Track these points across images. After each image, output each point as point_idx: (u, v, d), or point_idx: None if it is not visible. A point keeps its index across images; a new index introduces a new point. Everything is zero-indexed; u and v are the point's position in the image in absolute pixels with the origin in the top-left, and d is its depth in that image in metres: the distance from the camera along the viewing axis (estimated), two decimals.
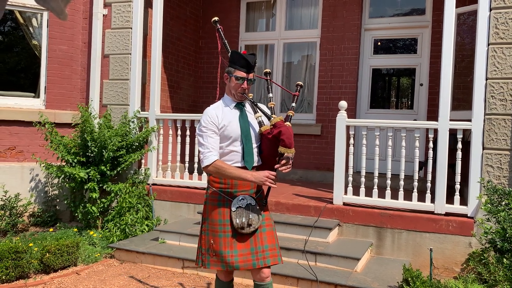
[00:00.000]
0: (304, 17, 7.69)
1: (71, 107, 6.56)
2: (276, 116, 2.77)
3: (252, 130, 2.77)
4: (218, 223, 2.73)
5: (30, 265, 4.35)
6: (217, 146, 2.71)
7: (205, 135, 2.71)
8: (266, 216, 2.80)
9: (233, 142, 2.74)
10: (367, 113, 7.22)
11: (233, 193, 2.75)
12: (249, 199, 2.71)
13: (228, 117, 2.76)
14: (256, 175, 2.63)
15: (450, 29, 4.75)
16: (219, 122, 2.74)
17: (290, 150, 2.62)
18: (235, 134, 2.73)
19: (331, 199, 5.17)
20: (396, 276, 4.14)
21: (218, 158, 2.68)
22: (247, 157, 2.74)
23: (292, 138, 2.63)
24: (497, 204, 4.15)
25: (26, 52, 6.61)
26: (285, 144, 2.61)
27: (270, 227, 2.79)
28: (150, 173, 6.04)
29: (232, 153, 2.75)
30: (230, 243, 2.68)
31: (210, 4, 8.10)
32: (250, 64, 2.72)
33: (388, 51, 7.33)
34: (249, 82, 2.76)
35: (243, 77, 2.74)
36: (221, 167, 2.65)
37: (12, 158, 6.08)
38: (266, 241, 2.71)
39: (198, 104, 8.15)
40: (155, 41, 6.09)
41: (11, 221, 5.60)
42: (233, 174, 2.64)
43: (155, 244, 5.03)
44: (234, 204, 2.70)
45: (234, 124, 2.75)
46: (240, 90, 2.75)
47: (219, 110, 2.80)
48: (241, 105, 2.83)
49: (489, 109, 4.59)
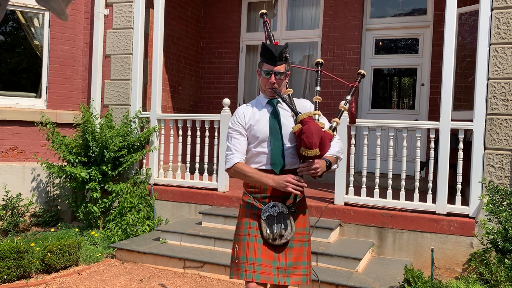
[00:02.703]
0: (305, 17, 7.69)
1: (72, 107, 6.56)
2: (315, 112, 2.49)
3: (284, 129, 2.48)
4: (244, 225, 2.50)
5: (32, 265, 4.35)
6: (242, 148, 2.50)
7: (230, 136, 2.53)
8: (299, 229, 2.50)
9: (261, 142, 2.49)
10: (369, 113, 7.21)
11: (263, 199, 2.49)
12: (281, 207, 2.44)
13: (257, 115, 2.52)
14: (277, 179, 2.36)
15: (451, 29, 4.74)
16: (246, 122, 2.52)
17: (310, 151, 2.30)
18: (263, 134, 2.48)
19: (332, 199, 5.17)
20: (397, 277, 4.13)
21: (241, 161, 2.47)
22: (274, 159, 2.45)
23: (313, 137, 2.29)
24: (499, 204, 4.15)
25: (28, 52, 6.63)
26: (304, 143, 2.31)
27: (300, 243, 2.49)
28: (151, 173, 6.04)
29: (260, 155, 2.50)
30: (253, 249, 2.42)
31: (211, 4, 8.11)
32: (274, 55, 2.43)
33: (390, 51, 7.33)
34: (278, 76, 2.46)
35: (269, 70, 2.46)
36: (242, 170, 2.44)
37: (13, 158, 6.09)
38: (291, 258, 2.44)
39: (199, 104, 8.16)
40: (156, 41, 6.10)
41: (12, 221, 5.61)
42: (254, 178, 2.41)
43: (156, 244, 5.03)
44: (264, 211, 2.44)
45: (262, 123, 2.50)
46: (269, 85, 2.48)
47: (248, 109, 2.58)
48: (274, 102, 2.54)
49: (491, 109, 4.58)
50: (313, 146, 2.29)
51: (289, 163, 2.46)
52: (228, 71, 8.02)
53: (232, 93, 7.92)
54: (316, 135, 2.30)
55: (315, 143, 2.29)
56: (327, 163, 2.38)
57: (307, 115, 2.37)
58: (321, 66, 2.70)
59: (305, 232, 2.53)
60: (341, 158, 2.53)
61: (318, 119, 2.47)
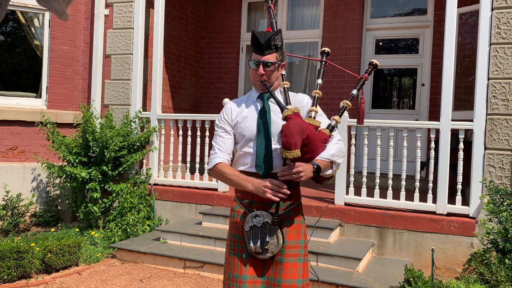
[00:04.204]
0: (306, 17, 7.69)
1: (72, 107, 6.56)
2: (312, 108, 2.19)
3: (274, 127, 2.18)
4: (230, 238, 2.27)
5: (32, 265, 4.35)
6: (227, 147, 2.24)
7: (215, 134, 2.28)
8: (291, 242, 2.17)
9: (248, 142, 2.21)
10: (369, 113, 7.21)
11: (250, 205, 2.20)
12: (265, 217, 2.13)
13: (245, 112, 2.25)
14: (257, 184, 2.08)
15: (451, 29, 4.74)
16: (233, 118, 2.26)
17: (288, 153, 1.99)
18: (249, 133, 2.20)
19: (332, 199, 5.17)
20: (397, 277, 4.13)
21: (224, 161, 2.21)
22: (259, 161, 2.17)
23: (293, 136, 1.98)
24: (499, 204, 4.15)
25: (28, 53, 6.63)
26: (282, 143, 2.02)
27: (293, 257, 2.15)
28: (151, 173, 6.04)
29: (247, 155, 2.22)
30: (239, 265, 2.18)
31: (211, 4, 8.11)
32: (261, 43, 2.13)
33: (390, 51, 7.33)
34: (267, 67, 2.15)
35: (257, 60, 2.16)
36: (222, 171, 2.18)
37: (14, 158, 6.09)
38: (281, 275, 2.12)
39: (199, 104, 8.16)
40: (157, 41, 6.10)
41: (12, 221, 5.61)
42: (234, 181, 2.16)
43: (156, 244, 5.03)
44: (247, 222, 2.15)
45: (249, 120, 2.22)
46: (257, 77, 2.18)
47: (238, 103, 2.30)
48: (265, 97, 2.24)
49: (491, 109, 4.58)
50: (291, 146, 1.98)
51: (278, 165, 2.13)
52: (228, 71, 8.02)
53: (232, 93, 7.92)
54: (297, 134, 1.98)
55: (295, 143, 1.98)
56: (314, 168, 2.03)
57: (292, 111, 2.08)
58: (326, 56, 2.38)
59: (299, 246, 2.18)
60: (337, 163, 2.15)
61: (313, 117, 2.16)
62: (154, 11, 6.20)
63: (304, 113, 2.22)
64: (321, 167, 2.06)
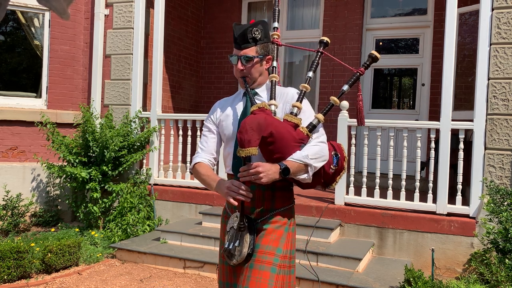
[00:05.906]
0: (306, 17, 7.69)
1: (72, 107, 6.56)
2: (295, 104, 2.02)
3: None
4: (220, 244, 2.19)
5: (32, 265, 4.35)
6: (209, 147, 2.14)
7: (202, 133, 2.20)
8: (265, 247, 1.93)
9: (229, 141, 2.10)
10: (369, 113, 7.21)
11: (234, 208, 2.06)
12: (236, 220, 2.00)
13: (228, 110, 2.13)
14: (221, 185, 1.96)
15: (452, 29, 4.74)
16: (217, 117, 2.15)
17: (242, 151, 1.82)
18: (229, 132, 2.08)
19: (332, 199, 5.17)
20: (397, 277, 4.13)
21: (203, 161, 2.11)
22: (235, 162, 2.03)
23: (247, 133, 1.80)
24: (500, 204, 4.15)
25: (28, 52, 6.62)
26: (237, 140, 1.86)
27: (264, 264, 1.89)
28: (151, 173, 6.04)
29: (229, 156, 2.10)
30: (223, 272, 2.08)
31: (211, 4, 8.11)
32: (236, 36, 2.04)
33: (390, 51, 7.32)
34: (245, 61, 2.02)
35: (236, 55, 2.06)
36: (197, 172, 2.09)
37: (14, 158, 6.09)
38: (248, 283, 1.87)
39: (199, 104, 8.16)
40: (157, 41, 6.10)
41: (13, 221, 5.61)
42: (205, 181, 2.07)
43: (156, 244, 5.03)
44: (229, 223, 2.03)
45: (230, 118, 2.10)
46: (237, 73, 2.07)
47: (225, 102, 2.20)
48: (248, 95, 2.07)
49: (491, 109, 4.58)
50: (245, 143, 1.79)
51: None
52: (229, 71, 8.02)
53: (233, 93, 7.87)
54: (252, 131, 1.80)
55: (248, 140, 1.79)
56: (281, 168, 1.84)
57: (258, 106, 1.91)
58: (324, 46, 2.18)
59: (275, 253, 1.91)
60: (314, 167, 1.93)
61: (295, 113, 1.97)
62: (154, 11, 6.20)
63: (288, 108, 2.04)
64: (290, 169, 1.86)
